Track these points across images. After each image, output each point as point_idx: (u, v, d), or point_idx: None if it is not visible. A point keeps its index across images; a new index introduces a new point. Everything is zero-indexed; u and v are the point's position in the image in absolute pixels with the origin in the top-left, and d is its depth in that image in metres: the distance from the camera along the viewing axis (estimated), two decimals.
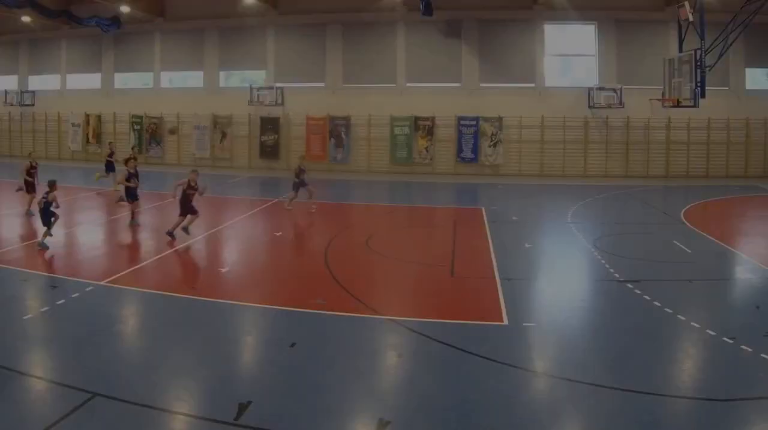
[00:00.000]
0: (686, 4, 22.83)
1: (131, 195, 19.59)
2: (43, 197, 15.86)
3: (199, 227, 18.19)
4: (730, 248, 17.02)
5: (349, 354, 9.34)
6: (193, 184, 17.10)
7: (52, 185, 16.06)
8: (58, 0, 39.17)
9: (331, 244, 17.04)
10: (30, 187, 20.84)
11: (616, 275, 13.85)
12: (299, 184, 21.82)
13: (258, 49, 38.82)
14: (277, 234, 18.18)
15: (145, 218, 20.80)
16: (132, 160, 20.14)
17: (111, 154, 27.25)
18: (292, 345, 9.59)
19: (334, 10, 36.95)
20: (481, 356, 9.16)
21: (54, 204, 15.82)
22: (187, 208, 17.03)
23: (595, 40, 35.43)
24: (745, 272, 14.58)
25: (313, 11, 37.27)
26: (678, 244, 17.16)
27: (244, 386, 8.32)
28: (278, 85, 37.37)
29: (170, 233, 16.89)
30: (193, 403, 7.83)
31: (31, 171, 21.10)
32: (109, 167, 26.77)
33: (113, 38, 41.20)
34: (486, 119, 35.33)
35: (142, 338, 10.20)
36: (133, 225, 19.05)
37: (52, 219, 15.81)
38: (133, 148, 25.71)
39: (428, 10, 32.56)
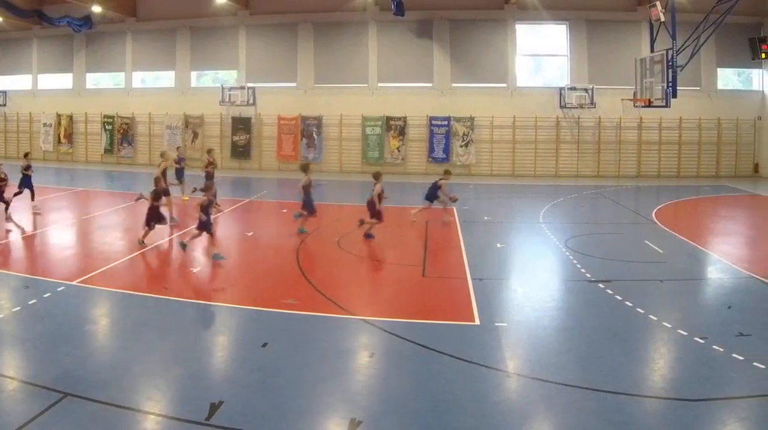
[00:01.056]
0: (658, 4, 23.06)
1: (309, 206, 18.39)
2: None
3: (169, 227, 18.06)
4: (701, 247, 17.17)
5: (321, 354, 9.29)
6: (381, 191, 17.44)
7: (207, 188, 15.69)
8: None
9: (303, 244, 16.97)
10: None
11: (588, 275, 13.92)
12: (434, 196, 20.72)
13: (229, 49, 38.59)
14: (249, 234, 18.06)
15: (124, 218, 20.59)
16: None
17: (181, 160, 24.22)
18: (264, 345, 9.55)
19: (306, 10, 36.89)
20: (452, 356, 9.17)
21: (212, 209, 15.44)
22: (376, 212, 17.45)
23: (567, 40, 35.63)
24: (716, 272, 14.72)
25: (284, 11, 37.20)
26: (649, 244, 17.30)
27: (216, 385, 8.26)
28: (250, 85, 37.26)
29: (368, 235, 17.49)
30: (164, 403, 7.77)
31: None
32: (179, 174, 23.93)
33: (85, 38, 40.75)
34: (457, 119, 35.44)
35: (114, 338, 10.08)
36: (301, 234, 18.02)
37: (211, 224, 15.23)
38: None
39: (400, 9, 32.65)
